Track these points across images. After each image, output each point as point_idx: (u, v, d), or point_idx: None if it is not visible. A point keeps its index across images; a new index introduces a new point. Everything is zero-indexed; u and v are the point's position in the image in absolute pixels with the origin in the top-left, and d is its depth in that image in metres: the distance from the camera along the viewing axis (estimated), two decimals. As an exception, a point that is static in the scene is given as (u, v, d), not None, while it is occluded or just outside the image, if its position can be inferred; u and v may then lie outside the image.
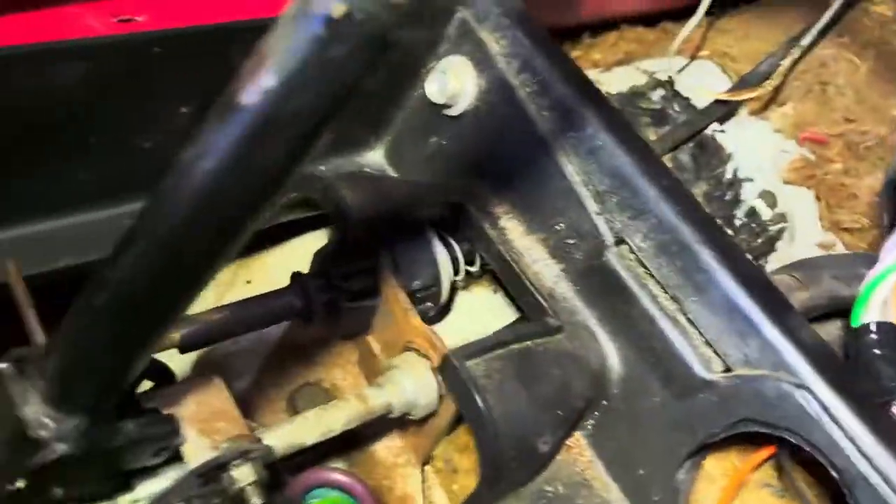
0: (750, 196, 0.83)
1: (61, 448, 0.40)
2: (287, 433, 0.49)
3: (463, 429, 0.58)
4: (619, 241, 0.58)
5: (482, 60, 0.64)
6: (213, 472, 0.44)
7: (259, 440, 0.47)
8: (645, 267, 0.57)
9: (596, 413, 0.59)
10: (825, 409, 0.50)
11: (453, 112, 0.65)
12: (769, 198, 0.83)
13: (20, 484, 0.40)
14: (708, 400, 0.54)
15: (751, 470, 0.57)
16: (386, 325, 0.59)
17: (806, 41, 0.91)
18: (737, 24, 1.06)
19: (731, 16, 1.08)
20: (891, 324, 0.60)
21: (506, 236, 0.62)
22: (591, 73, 0.97)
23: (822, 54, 1.00)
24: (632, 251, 0.58)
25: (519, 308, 0.63)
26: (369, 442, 0.61)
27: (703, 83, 0.94)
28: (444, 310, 0.65)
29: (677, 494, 0.56)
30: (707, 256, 0.55)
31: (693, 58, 1.00)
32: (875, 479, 0.49)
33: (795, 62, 0.94)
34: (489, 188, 0.63)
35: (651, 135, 0.84)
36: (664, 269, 0.56)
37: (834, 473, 0.50)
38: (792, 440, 0.51)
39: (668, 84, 0.90)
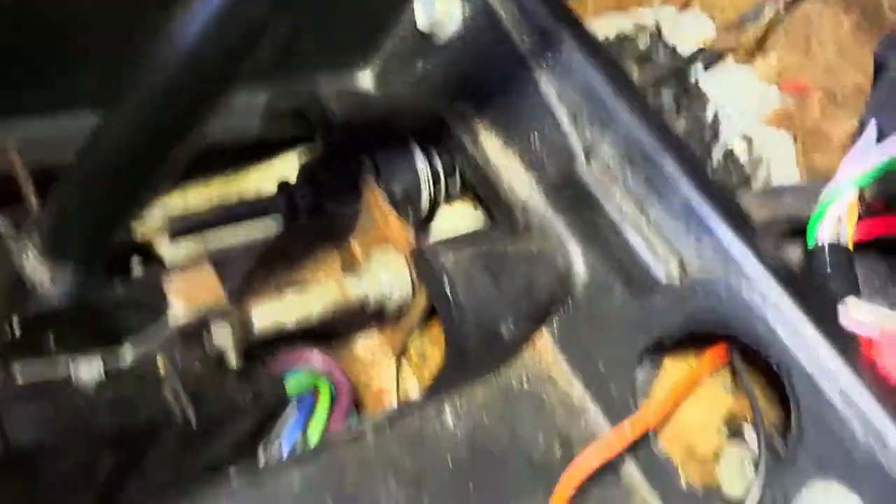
0: (728, 137, 0.86)
1: (55, 297, 0.44)
2: (266, 310, 0.53)
3: (435, 322, 0.62)
4: (588, 154, 0.62)
5: (468, -14, 0.67)
6: (195, 330, 0.48)
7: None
8: (611, 177, 0.61)
9: (561, 312, 0.63)
10: (769, 301, 0.54)
11: (439, 39, 0.69)
12: (747, 141, 0.86)
13: (16, 331, 0.44)
14: (664, 300, 0.58)
15: (704, 369, 0.61)
16: (367, 229, 0.63)
17: (791, -6, 0.94)
18: (728, -22, 1.09)
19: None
20: (843, 247, 0.63)
21: (485, 150, 0.66)
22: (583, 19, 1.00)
23: (808, 9, 1.03)
24: (599, 163, 0.61)
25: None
26: (347, 341, 0.65)
27: (691, 32, 0.97)
28: (425, 222, 0.69)
29: (634, 390, 0.60)
30: (669, 165, 0.59)
31: (685, 5, 1.03)
32: (812, 365, 0.52)
33: (780, 14, 0.97)
34: (471, 105, 0.67)
35: (634, 75, 0.87)
36: (629, 177, 0.60)
37: (774, 364, 0.54)
38: (739, 335, 0.55)
39: (655, 31, 0.93)
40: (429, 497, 0.53)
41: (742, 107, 0.90)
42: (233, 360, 0.48)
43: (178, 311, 0.48)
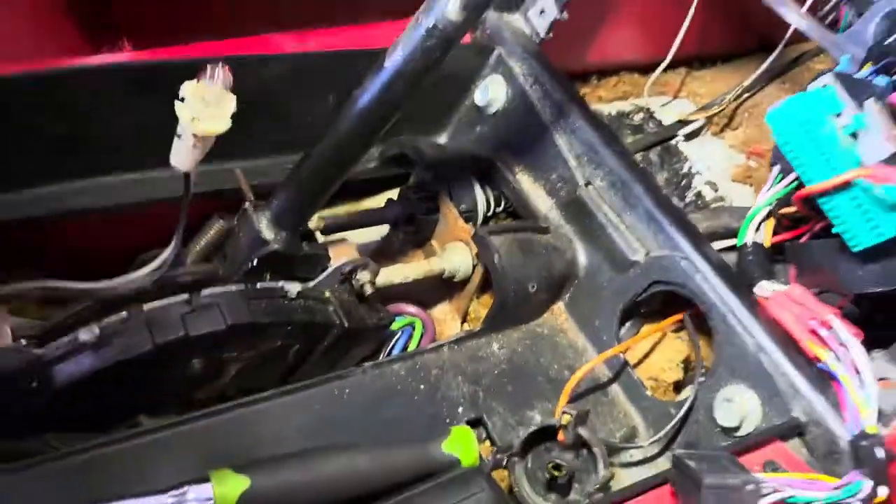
0: (699, 184, 1.19)
1: (275, 246, 0.78)
2: (385, 272, 0.87)
3: (488, 293, 0.94)
4: (588, 183, 0.95)
5: (510, 78, 1.02)
6: (347, 275, 0.81)
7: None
8: (601, 197, 0.94)
9: (571, 289, 0.95)
10: (697, 269, 0.85)
11: (490, 111, 1.03)
12: (714, 186, 1.18)
13: (252, 265, 0.78)
14: (635, 272, 0.90)
15: (666, 326, 0.92)
16: (442, 231, 0.97)
17: (747, 82, 1.28)
18: (709, 74, 1.43)
19: (707, 69, 1.46)
20: (760, 245, 0.94)
21: (520, 183, 0.99)
22: (595, 105, 1.35)
23: (769, 94, 1.37)
24: (594, 188, 0.95)
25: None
26: (429, 307, 0.98)
27: (676, 111, 1.31)
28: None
29: (617, 336, 0.91)
30: (637, 190, 0.91)
31: (675, 97, 1.38)
32: (723, 309, 0.83)
33: (742, 98, 1.31)
34: (511, 154, 1.01)
35: (631, 138, 1.21)
36: (612, 197, 0.93)
37: (701, 308, 0.85)
38: (681, 291, 0.86)
39: (647, 110, 1.27)
40: (482, 390, 0.85)
41: (712, 165, 1.23)
42: (368, 290, 0.81)
43: (339, 262, 0.81)
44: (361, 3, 0.99)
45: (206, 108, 0.64)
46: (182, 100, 0.63)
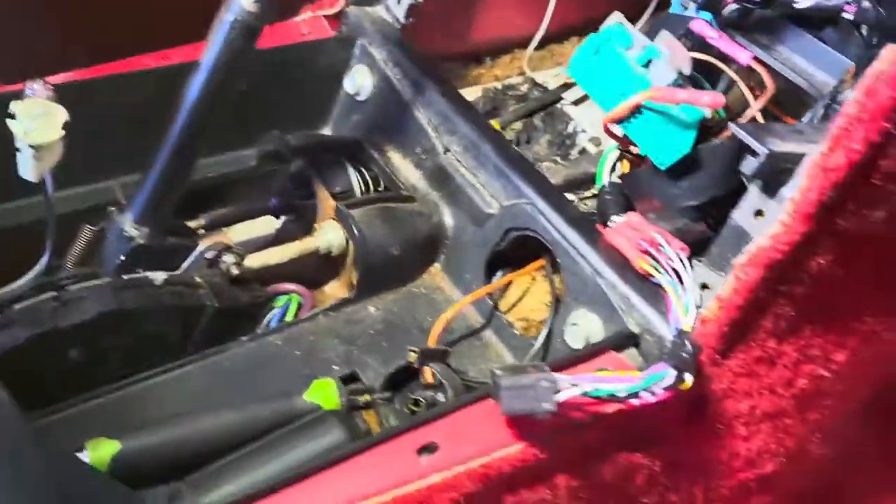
0: (583, 142, 1.24)
1: (139, 241, 0.86)
2: (262, 255, 0.95)
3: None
4: (446, 150, 1.02)
5: (373, 65, 1.10)
6: (213, 258, 0.89)
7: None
8: (459, 161, 1.01)
9: (444, 250, 1.02)
10: (539, 211, 0.92)
11: (361, 98, 1.11)
12: (596, 141, 1.24)
13: (121, 261, 0.86)
14: (491, 223, 0.96)
15: (529, 269, 0.98)
16: (320, 213, 1.04)
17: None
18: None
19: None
20: (615, 182, 1.00)
21: (390, 160, 1.07)
22: (492, 84, 1.41)
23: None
24: (452, 154, 1.02)
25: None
26: (321, 285, 1.05)
27: (564, 79, 1.37)
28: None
29: (486, 282, 0.98)
30: (487, 149, 0.98)
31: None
32: (564, 243, 0.89)
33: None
34: (381, 135, 1.09)
35: (515, 108, 1.27)
36: (468, 160, 1.00)
37: (549, 245, 0.91)
38: (531, 232, 0.93)
39: (532, 80, 1.34)
40: (357, 349, 0.92)
41: (595, 122, 1.28)
42: (235, 271, 0.89)
43: (204, 247, 0.89)
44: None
45: (34, 121, 0.72)
46: (13, 117, 0.72)
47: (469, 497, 0.68)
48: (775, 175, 0.74)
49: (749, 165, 0.74)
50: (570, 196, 1.11)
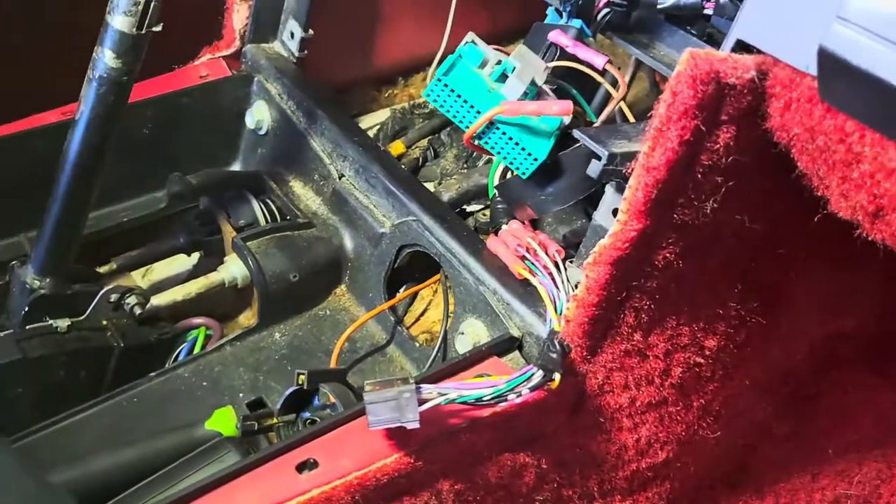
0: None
1: (42, 291, 0.90)
2: (170, 292, 0.98)
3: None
4: (341, 175, 1.06)
5: (269, 99, 1.14)
6: (117, 301, 0.93)
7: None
8: (353, 185, 1.05)
9: (347, 272, 1.05)
10: (425, 227, 0.95)
11: (262, 132, 1.15)
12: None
13: (26, 311, 0.90)
14: (385, 242, 1.00)
15: (428, 284, 1.02)
16: (226, 248, 1.08)
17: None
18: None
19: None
20: (502, 186, 1.03)
21: (292, 189, 1.11)
22: (404, 103, 1.45)
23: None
24: (346, 179, 1.05)
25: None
26: (234, 317, 1.09)
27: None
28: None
29: (388, 300, 1.01)
30: (375, 171, 1.02)
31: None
32: (449, 255, 0.93)
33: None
34: (283, 166, 1.12)
35: (420, 125, 1.31)
36: (360, 182, 1.04)
37: (436, 258, 0.95)
38: (421, 249, 0.96)
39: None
40: (262, 375, 0.96)
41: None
42: (138, 311, 0.93)
43: (105, 290, 0.93)
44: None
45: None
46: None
47: (350, 509, 0.71)
48: (625, 176, 0.78)
49: (594, 168, 0.77)
50: (474, 207, 1.15)
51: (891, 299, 1.12)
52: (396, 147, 1.24)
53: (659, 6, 1.01)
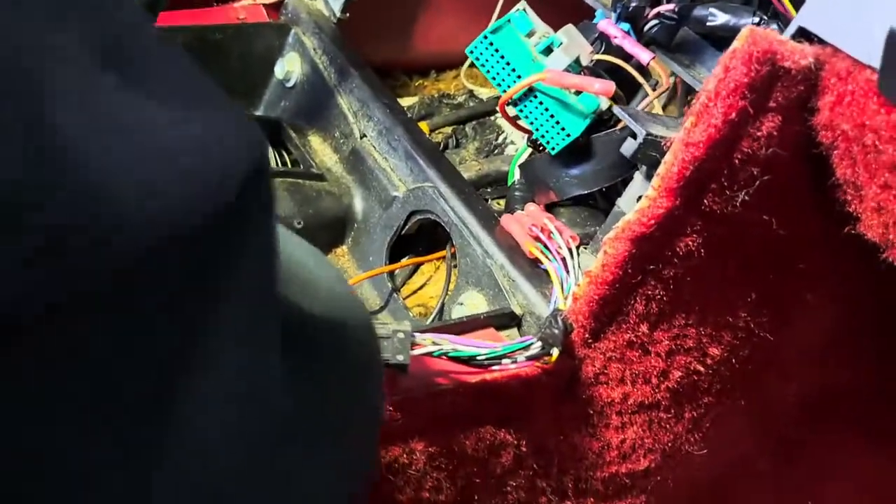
0: (510, 151, 1.27)
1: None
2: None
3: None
4: (363, 136, 1.04)
5: (303, 53, 1.13)
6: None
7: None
8: (373, 146, 1.02)
9: (351, 232, 1.03)
10: (441, 194, 0.93)
11: (289, 84, 1.13)
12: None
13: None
14: (397, 206, 0.97)
15: (431, 258, 0.99)
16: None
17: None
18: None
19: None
20: (526, 164, 1.01)
21: (310, 143, 1.08)
22: (436, 94, 1.44)
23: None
24: (367, 139, 1.03)
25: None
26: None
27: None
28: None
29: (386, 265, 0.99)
30: (399, 134, 1.00)
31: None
32: (460, 225, 0.91)
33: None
34: (304, 119, 1.10)
35: (447, 114, 1.30)
36: (382, 144, 1.02)
37: (446, 228, 0.92)
38: (431, 215, 0.94)
39: (471, 91, 1.37)
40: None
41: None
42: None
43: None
44: None
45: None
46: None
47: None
48: (657, 161, 0.76)
49: (628, 147, 0.76)
50: (486, 194, 1.13)
51: (893, 359, 1.09)
52: (421, 127, 1.23)
53: (709, 23, 1.00)
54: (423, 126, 1.24)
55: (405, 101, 1.36)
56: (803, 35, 0.67)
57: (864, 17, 0.61)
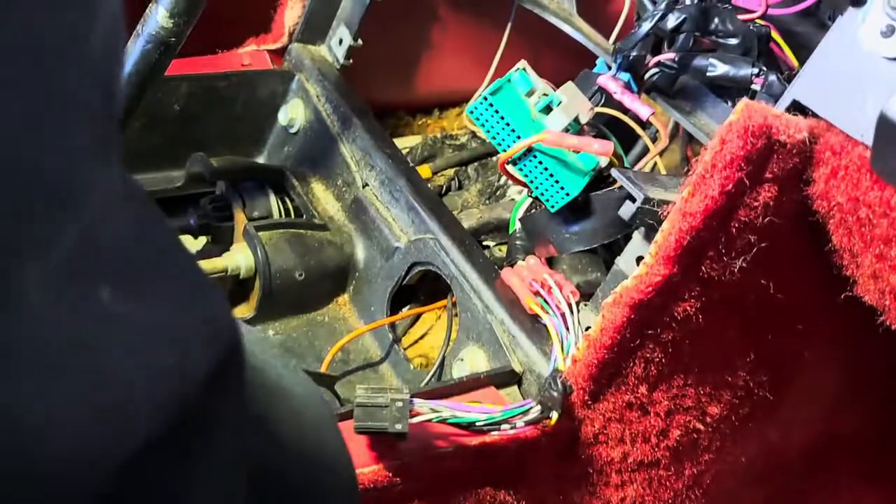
0: (513, 194, 1.27)
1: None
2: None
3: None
4: (365, 185, 1.05)
5: (307, 99, 1.13)
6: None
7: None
8: (375, 196, 1.03)
9: (353, 281, 1.03)
10: (442, 246, 0.93)
11: (293, 131, 1.14)
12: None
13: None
14: (399, 256, 0.98)
15: (432, 308, 1.00)
16: (235, 236, 1.06)
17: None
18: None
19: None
20: (526, 219, 1.01)
21: (312, 191, 1.09)
22: (439, 133, 1.45)
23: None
24: (370, 189, 1.04)
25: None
26: (232, 307, 1.06)
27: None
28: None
29: (390, 316, 0.99)
30: (401, 185, 1.01)
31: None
32: (461, 279, 0.91)
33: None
34: (307, 167, 1.11)
35: (449, 155, 1.30)
36: (384, 194, 1.02)
37: (447, 280, 0.92)
38: (432, 267, 0.94)
39: (472, 132, 1.37)
40: (250, 368, 0.92)
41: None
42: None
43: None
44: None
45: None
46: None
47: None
48: (656, 223, 0.76)
49: (627, 210, 0.76)
50: (491, 242, 1.13)
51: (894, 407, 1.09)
52: (423, 171, 1.23)
53: (709, 73, 1.01)
54: (426, 169, 1.24)
55: (408, 140, 1.37)
56: (797, 108, 0.67)
57: (856, 95, 0.61)
